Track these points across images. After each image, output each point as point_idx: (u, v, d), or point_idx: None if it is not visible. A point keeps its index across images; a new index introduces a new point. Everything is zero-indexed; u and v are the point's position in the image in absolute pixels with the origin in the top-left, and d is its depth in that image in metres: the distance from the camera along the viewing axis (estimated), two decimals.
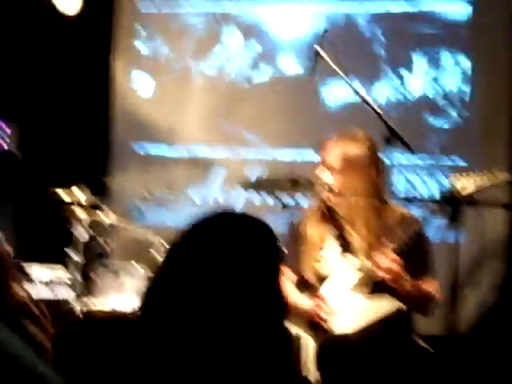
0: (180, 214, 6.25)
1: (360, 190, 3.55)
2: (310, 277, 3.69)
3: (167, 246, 1.80)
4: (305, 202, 4.23)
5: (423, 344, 3.68)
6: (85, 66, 6.60)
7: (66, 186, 5.23)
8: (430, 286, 3.60)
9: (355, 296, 3.58)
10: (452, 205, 3.35)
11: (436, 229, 5.79)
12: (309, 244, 3.71)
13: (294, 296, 3.75)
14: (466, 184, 3.36)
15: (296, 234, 3.82)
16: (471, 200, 3.32)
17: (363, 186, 3.56)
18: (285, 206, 4.83)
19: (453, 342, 3.32)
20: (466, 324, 3.63)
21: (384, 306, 3.58)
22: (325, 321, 3.57)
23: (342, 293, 3.62)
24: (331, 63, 4.12)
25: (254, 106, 6.40)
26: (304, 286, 3.78)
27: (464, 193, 3.35)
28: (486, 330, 5.51)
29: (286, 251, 3.86)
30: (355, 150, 3.62)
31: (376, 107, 3.99)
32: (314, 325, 3.63)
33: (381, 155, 3.73)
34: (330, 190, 3.59)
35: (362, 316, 3.57)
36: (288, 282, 3.77)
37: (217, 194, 6.44)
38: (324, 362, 3.48)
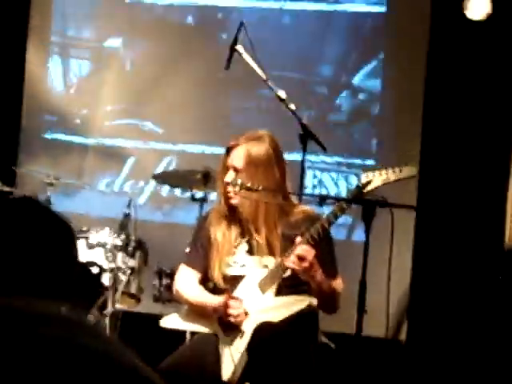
0: (88, 202, 6.19)
1: (263, 189, 3.56)
2: (219, 280, 3.70)
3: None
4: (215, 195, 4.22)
5: (326, 340, 3.72)
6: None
7: None
8: (337, 283, 3.64)
9: (265, 294, 3.60)
10: (362, 203, 3.37)
11: (344, 227, 5.88)
12: (216, 247, 3.71)
13: (202, 294, 3.76)
14: (372, 178, 3.38)
15: (203, 231, 3.82)
16: (379, 198, 3.34)
17: (266, 185, 3.57)
18: (194, 199, 4.83)
19: (359, 341, 3.35)
20: (373, 322, 3.65)
21: (293, 303, 3.60)
22: (236, 319, 3.59)
23: (252, 292, 3.64)
24: (249, 60, 4.12)
25: (166, 99, 6.36)
26: (210, 283, 3.79)
27: (370, 187, 3.37)
28: (394, 328, 5.61)
29: (191, 247, 3.89)
30: (258, 149, 3.65)
31: (291, 105, 4.01)
32: (226, 323, 3.64)
33: (285, 155, 3.78)
34: (234, 189, 3.60)
35: (272, 314, 3.59)
36: (194, 281, 3.79)
37: (124, 183, 6.38)
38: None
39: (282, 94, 4.04)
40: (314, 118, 5.99)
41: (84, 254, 4.95)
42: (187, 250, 4.06)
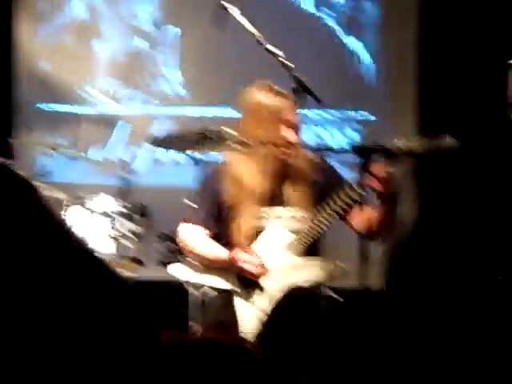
0: (86, 171, 6.15)
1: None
2: (244, 233, 3.60)
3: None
4: (215, 157, 4.15)
5: (334, 295, 3.69)
6: None
7: None
8: None
9: (289, 255, 3.53)
10: (363, 155, 3.33)
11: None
12: (246, 197, 3.60)
13: (212, 246, 3.67)
14: (411, 145, 3.32)
15: (212, 189, 3.72)
16: (384, 150, 3.30)
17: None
18: (197, 163, 4.77)
19: (364, 296, 3.32)
20: (377, 277, 3.64)
21: (321, 266, 3.55)
22: (255, 276, 3.52)
23: (275, 249, 3.57)
24: (238, 17, 4.06)
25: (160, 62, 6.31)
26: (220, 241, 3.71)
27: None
28: (397, 282, 5.59)
29: (197, 207, 3.78)
30: (294, 104, 3.60)
31: (285, 60, 3.95)
32: (246, 279, 3.57)
33: None
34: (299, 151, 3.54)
35: (294, 275, 3.53)
36: (201, 233, 3.70)
37: (122, 150, 6.34)
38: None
39: (274, 48, 3.98)
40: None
41: (84, 222, 4.92)
42: (189, 203, 3.86)
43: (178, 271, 3.78)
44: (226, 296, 3.59)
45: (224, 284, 3.62)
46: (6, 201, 1.59)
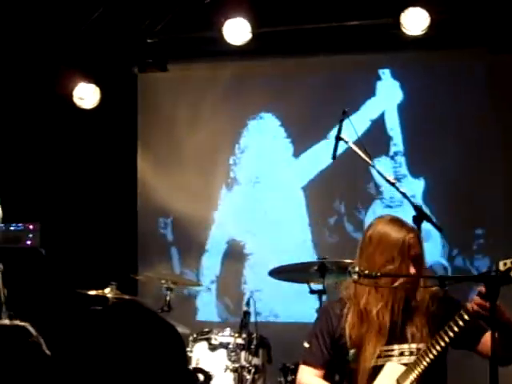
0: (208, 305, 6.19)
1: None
2: (363, 372, 3.51)
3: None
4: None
5: None
6: (111, 162, 6.68)
7: (97, 287, 5.19)
8: None
9: None
10: (486, 281, 3.25)
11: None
12: (370, 333, 3.53)
13: None
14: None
15: (327, 322, 3.66)
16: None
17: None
18: (313, 292, 4.75)
19: None
20: None
21: None
22: None
23: None
24: (357, 150, 4.12)
25: None
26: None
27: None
28: None
29: (311, 340, 3.71)
30: (419, 237, 3.59)
31: (406, 192, 3.96)
32: None
33: None
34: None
35: None
36: (316, 378, 3.63)
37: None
38: None
39: (391, 177, 3.99)
40: None
41: (206, 356, 4.94)
42: (306, 344, 3.81)
43: None
44: None
45: None
46: (139, 332, 1.69)
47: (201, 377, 4.90)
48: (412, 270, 3.48)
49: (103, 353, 1.67)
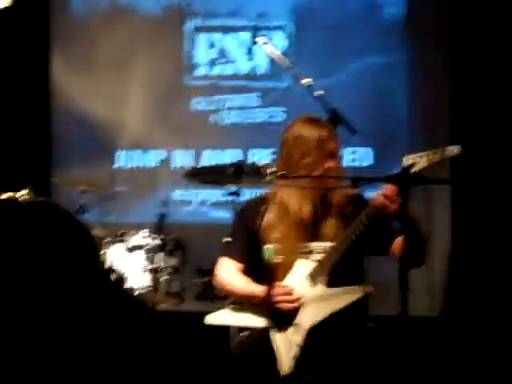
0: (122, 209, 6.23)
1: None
2: (281, 268, 3.58)
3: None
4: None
5: (372, 324, 3.65)
6: (22, 64, 6.53)
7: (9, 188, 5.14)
8: None
9: (316, 286, 3.51)
10: (400, 183, 3.31)
11: None
12: (289, 229, 3.57)
13: (246, 283, 3.65)
14: (415, 160, 3.33)
15: (246, 220, 3.70)
16: (419, 177, 3.28)
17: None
18: (230, 193, 4.77)
19: (403, 322, 3.28)
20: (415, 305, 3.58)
21: (348, 294, 3.52)
22: (288, 308, 3.50)
23: (301, 282, 3.56)
24: (270, 52, 4.11)
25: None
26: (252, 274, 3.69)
27: (415, 169, 3.32)
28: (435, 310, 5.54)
29: (232, 237, 3.76)
30: (335, 133, 3.62)
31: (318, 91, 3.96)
32: (278, 316, 3.54)
33: None
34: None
35: (326, 307, 3.50)
36: (236, 271, 3.69)
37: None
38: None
39: (308, 80, 3.99)
40: None
41: (123, 257, 4.96)
42: (225, 240, 3.87)
43: (216, 318, 3.77)
44: (263, 333, 3.58)
45: (259, 321, 3.60)
46: (52, 233, 1.67)
47: (113, 276, 4.91)
48: (329, 164, 3.53)
49: (13, 252, 1.67)
